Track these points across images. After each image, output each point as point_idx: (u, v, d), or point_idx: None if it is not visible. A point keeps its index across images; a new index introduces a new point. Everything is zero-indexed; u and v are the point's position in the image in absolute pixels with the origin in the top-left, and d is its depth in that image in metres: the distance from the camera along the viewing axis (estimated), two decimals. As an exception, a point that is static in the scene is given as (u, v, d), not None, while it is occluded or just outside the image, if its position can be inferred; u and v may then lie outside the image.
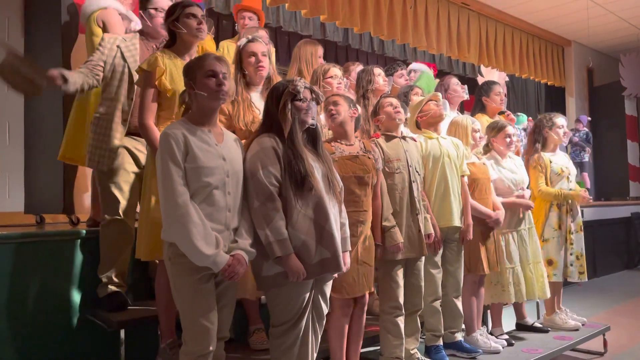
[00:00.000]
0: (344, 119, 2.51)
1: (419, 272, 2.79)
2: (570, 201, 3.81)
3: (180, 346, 1.98)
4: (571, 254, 3.78)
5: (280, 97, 2.12)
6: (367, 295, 2.56)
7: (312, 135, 2.22)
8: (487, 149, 3.57)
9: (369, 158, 2.52)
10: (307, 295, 2.12)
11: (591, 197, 3.84)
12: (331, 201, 2.15)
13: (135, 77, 2.55)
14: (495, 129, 3.54)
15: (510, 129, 3.52)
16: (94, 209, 3.16)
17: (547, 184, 3.80)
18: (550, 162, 3.82)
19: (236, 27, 4.02)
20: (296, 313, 2.09)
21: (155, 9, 2.68)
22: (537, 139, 3.92)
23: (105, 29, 3.08)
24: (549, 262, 3.65)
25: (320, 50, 3.43)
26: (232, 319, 2.14)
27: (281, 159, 2.06)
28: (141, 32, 2.75)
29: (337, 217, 2.17)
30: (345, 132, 2.53)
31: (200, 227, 1.87)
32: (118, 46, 2.64)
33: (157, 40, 2.74)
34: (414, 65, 4.78)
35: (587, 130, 7.99)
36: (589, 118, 8.47)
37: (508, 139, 3.49)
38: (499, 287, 3.40)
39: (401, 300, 2.69)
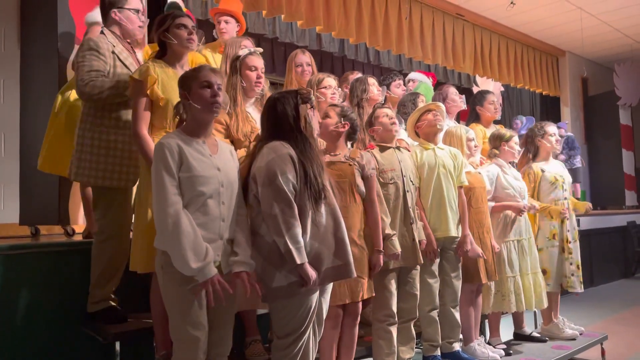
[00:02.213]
0: (327, 132, 2.52)
1: (414, 280, 2.79)
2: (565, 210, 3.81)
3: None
4: (571, 264, 3.77)
5: (296, 107, 2.14)
6: (359, 305, 2.54)
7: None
8: (492, 154, 3.58)
9: (350, 165, 2.51)
10: (315, 303, 2.11)
11: (566, 212, 3.77)
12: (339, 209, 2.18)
13: None
14: (507, 135, 3.57)
15: (517, 138, 3.58)
16: (90, 220, 3.13)
17: (535, 195, 3.80)
18: (543, 171, 3.83)
19: (214, 33, 3.95)
20: (303, 323, 2.08)
21: (132, 9, 2.67)
22: (529, 148, 3.94)
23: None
24: (543, 272, 3.64)
25: (299, 58, 3.42)
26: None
27: (297, 166, 2.07)
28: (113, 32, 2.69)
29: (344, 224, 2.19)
30: (331, 143, 2.55)
31: (190, 237, 1.87)
32: (113, 52, 2.58)
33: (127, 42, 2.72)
34: (412, 75, 4.79)
35: (569, 134, 7.97)
36: (567, 122, 8.47)
37: (517, 146, 3.54)
38: (499, 295, 3.39)
39: (394, 308, 2.69)
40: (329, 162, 2.48)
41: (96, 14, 3.06)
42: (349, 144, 2.66)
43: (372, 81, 3.40)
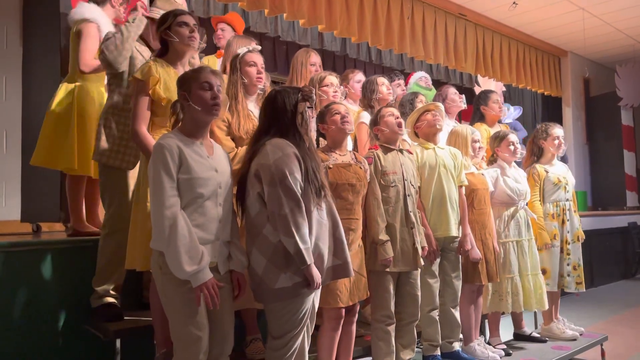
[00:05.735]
0: (338, 130, 2.52)
1: (415, 281, 2.79)
2: (566, 211, 3.81)
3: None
4: (568, 264, 3.77)
5: (295, 103, 2.12)
6: (357, 305, 2.56)
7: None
8: (493, 158, 3.58)
9: (361, 168, 2.56)
10: (312, 303, 2.11)
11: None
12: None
13: None
14: (498, 139, 3.56)
15: (512, 137, 3.55)
16: (75, 217, 3.06)
17: (541, 196, 3.80)
18: (547, 172, 3.83)
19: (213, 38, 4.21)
20: (300, 322, 2.07)
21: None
22: (534, 150, 3.94)
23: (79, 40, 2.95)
24: (543, 272, 3.64)
25: (313, 57, 3.40)
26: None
27: (301, 165, 2.06)
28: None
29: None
30: (342, 142, 2.55)
31: (186, 240, 1.86)
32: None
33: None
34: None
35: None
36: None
37: (512, 147, 3.52)
38: (496, 296, 3.39)
39: (392, 309, 2.69)
40: (347, 165, 2.50)
41: (83, 10, 3.01)
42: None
43: (381, 81, 3.41)
